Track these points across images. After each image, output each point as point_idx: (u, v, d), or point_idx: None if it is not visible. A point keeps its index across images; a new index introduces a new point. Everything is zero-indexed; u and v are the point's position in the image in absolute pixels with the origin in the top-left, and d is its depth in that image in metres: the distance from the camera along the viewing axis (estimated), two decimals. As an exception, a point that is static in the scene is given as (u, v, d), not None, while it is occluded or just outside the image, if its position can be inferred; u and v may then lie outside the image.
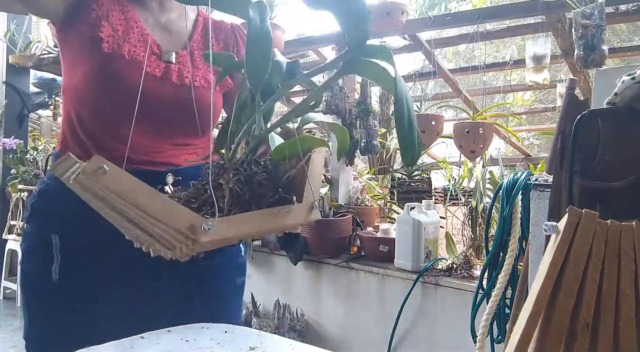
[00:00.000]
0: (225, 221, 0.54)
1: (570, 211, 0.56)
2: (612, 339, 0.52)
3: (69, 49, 0.90)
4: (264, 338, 0.76)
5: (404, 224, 1.96)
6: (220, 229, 0.51)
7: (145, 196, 0.50)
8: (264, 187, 0.59)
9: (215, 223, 0.50)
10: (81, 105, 0.88)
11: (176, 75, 0.90)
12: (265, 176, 0.59)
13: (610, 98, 0.78)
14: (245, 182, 0.57)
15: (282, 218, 0.57)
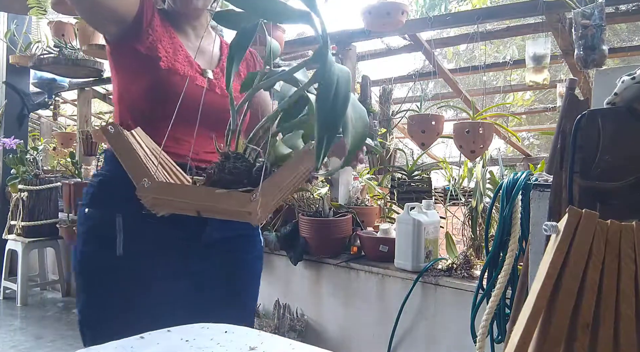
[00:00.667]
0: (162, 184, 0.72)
1: (570, 211, 0.56)
2: (612, 339, 0.52)
3: (123, 64, 1.09)
4: (264, 338, 0.76)
5: (404, 224, 1.96)
6: (155, 187, 0.70)
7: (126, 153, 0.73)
8: (233, 175, 0.70)
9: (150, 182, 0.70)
10: (138, 113, 1.07)
11: (217, 87, 1.12)
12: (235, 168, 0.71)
13: (610, 98, 0.78)
14: (217, 168, 0.72)
15: (217, 197, 0.67)
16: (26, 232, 3.54)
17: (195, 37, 1.15)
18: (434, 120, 2.24)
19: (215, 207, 0.69)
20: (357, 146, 0.64)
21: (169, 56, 1.06)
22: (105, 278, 1.04)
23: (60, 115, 5.20)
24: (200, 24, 1.17)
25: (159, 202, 0.71)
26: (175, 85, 1.04)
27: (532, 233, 0.99)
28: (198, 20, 1.15)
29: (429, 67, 2.94)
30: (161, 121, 1.02)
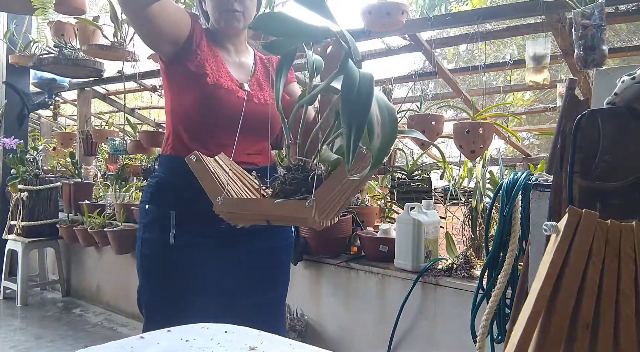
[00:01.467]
0: (232, 199, 0.82)
1: (570, 211, 0.56)
2: (612, 339, 0.52)
3: (176, 80, 1.25)
4: (264, 338, 0.76)
5: (404, 224, 1.96)
6: (226, 203, 0.81)
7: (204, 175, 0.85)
8: (293, 186, 0.79)
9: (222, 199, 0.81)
10: (189, 122, 1.24)
11: (255, 97, 1.26)
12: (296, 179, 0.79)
13: (610, 98, 0.78)
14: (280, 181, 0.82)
15: (278, 207, 0.77)
16: (26, 232, 3.54)
17: (235, 53, 1.32)
18: (434, 120, 2.23)
19: (278, 215, 0.79)
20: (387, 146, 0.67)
21: (214, 73, 1.21)
22: (161, 263, 1.23)
23: (60, 115, 5.21)
24: (239, 41, 1.32)
25: (234, 216, 0.83)
26: (220, 98, 1.20)
27: (532, 233, 0.99)
28: (238, 37, 1.31)
29: (429, 67, 2.94)
30: (209, 129, 1.23)
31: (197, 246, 1.22)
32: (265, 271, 1.31)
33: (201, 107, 1.21)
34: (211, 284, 1.23)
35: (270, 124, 1.23)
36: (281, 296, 1.38)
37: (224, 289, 1.24)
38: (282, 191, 0.79)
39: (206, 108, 1.21)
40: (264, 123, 1.22)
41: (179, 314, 1.05)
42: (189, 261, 1.22)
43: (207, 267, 1.22)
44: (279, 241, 1.34)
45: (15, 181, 3.59)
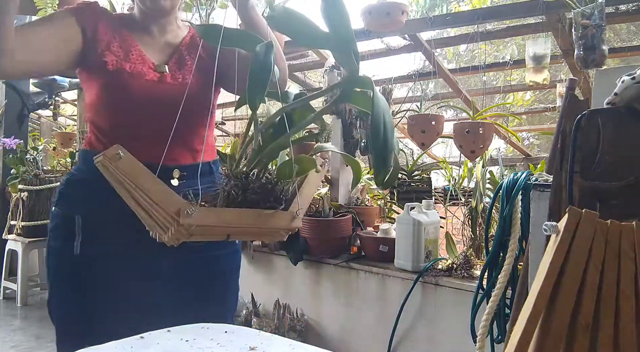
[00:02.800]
0: (207, 209, 0.67)
1: (570, 211, 0.56)
2: (612, 339, 0.52)
3: (83, 77, 1.13)
4: (264, 338, 0.76)
5: (404, 224, 1.96)
6: (201, 215, 0.65)
7: (148, 181, 0.65)
8: (258, 195, 0.71)
9: (196, 209, 0.64)
10: (99, 116, 1.10)
11: (170, 78, 1.10)
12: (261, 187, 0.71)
13: (610, 98, 0.78)
14: (240, 189, 0.71)
15: (264, 218, 0.70)
16: (26, 232, 3.54)
17: (160, 34, 1.16)
18: (434, 120, 2.23)
19: (259, 228, 0.70)
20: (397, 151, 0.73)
21: (117, 58, 1.07)
22: (67, 275, 1.08)
23: (60, 115, 5.21)
24: (168, 21, 1.16)
25: (198, 231, 0.67)
26: (123, 83, 1.06)
27: (532, 233, 0.99)
28: (165, 17, 1.15)
29: (429, 67, 2.94)
30: (118, 119, 1.08)
31: (110, 256, 1.05)
32: (197, 285, 1.12)
33: (105, 95, 1.08)
34: (130, 299, 1.05)
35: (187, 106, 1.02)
36: (221, 312, 1.16)
37: (147, 306, 1.06)
38: (244, 201, 0.69)
39: (110, 96, 1.08)
40: (184, 106, 1.02)
41: (93, 332, 0.97)
42: (101, 273, 1.05)
43: (123, 280, 1.05)
44: (219, 249, 1.14)
45: (15, 181, 3.59)
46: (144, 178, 0.64)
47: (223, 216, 0.67)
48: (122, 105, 1.08)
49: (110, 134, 1.08)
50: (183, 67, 1.13)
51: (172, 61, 1.13)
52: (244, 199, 0.69)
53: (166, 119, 0.99)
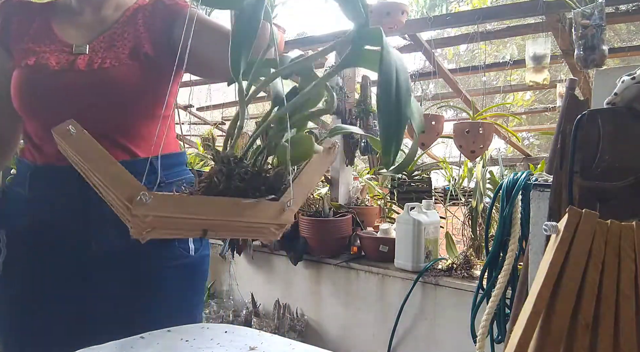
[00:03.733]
0: (167, 197, 0.52)
1: (570, 211, 0.56)
2: (612, 339, 0.52)
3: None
4: (264, 338, 0.76)
5: (404, 224, 1.96)
6: (158, 204, 0.50)
7: (101, 161, 0.53)
8: (245, 183, 0.55)
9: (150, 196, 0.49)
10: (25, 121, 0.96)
11: (85, 63, 0.89)
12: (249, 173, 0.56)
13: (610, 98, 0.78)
14: (225, 175, 0.55)
15: (242, 210, 0.53)
16: None
17: (93, 11, 0.97)
18: (434, 120, 2.24)
19: (236, 222, 0.55)
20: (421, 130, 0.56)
21: (26, 52, 0.91)
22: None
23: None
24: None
25: (160, 223, 0.53)
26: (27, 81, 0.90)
27: (532, 233, 0.99)
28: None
29: (429, 67, 2.94)
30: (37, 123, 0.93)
31: (35, 277, 0.91)
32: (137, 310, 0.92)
33: (15, 96, 0.91)
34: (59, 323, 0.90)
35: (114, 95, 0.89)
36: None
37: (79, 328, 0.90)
38: (227, 190, 0.55)
39: (17, 97, 0.91)
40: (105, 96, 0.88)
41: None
42: (25, 296, 0.91)
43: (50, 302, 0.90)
44: (161, 259, 0.95)
45: (15, 180, 3.59)
46: (96, 158, 0.53)
47: (186, 205, 0.52)
48: (31, 105, 0.91)
49: (34, 137, 0.94)
50: (112, 48, 0.92)
51: (97, 40, 0.92)
52: (226, 187, 0.55)
53: (85, 112, 0.86)
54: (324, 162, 0.62)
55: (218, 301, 2.69)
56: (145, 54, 0.92)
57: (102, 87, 0.89)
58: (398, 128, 0.47)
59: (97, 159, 0.53)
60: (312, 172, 0.60)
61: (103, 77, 0.89)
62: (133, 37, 0.93)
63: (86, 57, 0.90)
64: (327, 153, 0.63)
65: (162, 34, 0.95)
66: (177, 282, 0.97)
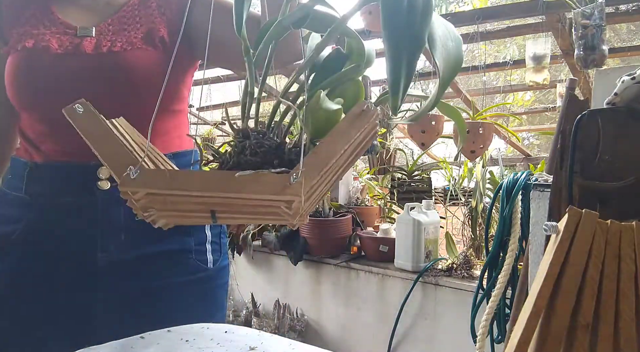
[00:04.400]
0: (156, 171, 0.48)
1: (570, 211, 0.56)
2: (612, 339, 0.52)
3: None
4: (264, 338, 0.75)
5: (404, 224, 1.96)
6: (146, 179, 0.45)
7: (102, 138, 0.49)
8: (258, 156, 0.49)
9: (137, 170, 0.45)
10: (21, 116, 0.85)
11: (92, 46, 0.79)
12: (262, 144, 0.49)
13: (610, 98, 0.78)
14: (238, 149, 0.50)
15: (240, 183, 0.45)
16: None
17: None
18: (434, 120, 2.24)
19: (238, 198, 0.47)
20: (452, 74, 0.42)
21: (23, 36, 0.80)
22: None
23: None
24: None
25: (155, 202, 0.48)
26: (25, 66, 0.80)
27: (532, 233, 0.99)
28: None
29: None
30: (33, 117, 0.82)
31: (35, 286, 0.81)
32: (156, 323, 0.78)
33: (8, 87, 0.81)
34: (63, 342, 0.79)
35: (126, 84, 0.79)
36: None
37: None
38: (239, 165, 0.49)
39: (15, 81, 0.80)
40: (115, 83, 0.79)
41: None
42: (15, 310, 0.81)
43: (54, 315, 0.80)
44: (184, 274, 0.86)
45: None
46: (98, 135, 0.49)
47: (177, 180, 0.46)
48: (28, 93, 0.80)
49: (31, 133, 0.83)
50: (122, 31, 0.82)
51: (106, 23, 0.82)
52: (236, 163, 0.49)
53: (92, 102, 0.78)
54: (353, 126, 0.49)
55: (218, 301, 2.69)
56: (162, 39, 0.83)
57: (112, 72, 0.79)
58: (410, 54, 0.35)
59: (99, 136, 0.49)
60: (335, 139, 0.47)
61: (113, 61, 0.79)
62: (147, 21, 0.83)
63: (93, 39, 0.80)
64: (358, 118, 0.49)
65: (179, 18, 0.85)
66: (196, 299, 0.87)
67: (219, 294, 0.93)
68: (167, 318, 0.81)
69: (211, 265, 0.90)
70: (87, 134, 0.50)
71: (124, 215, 0.82)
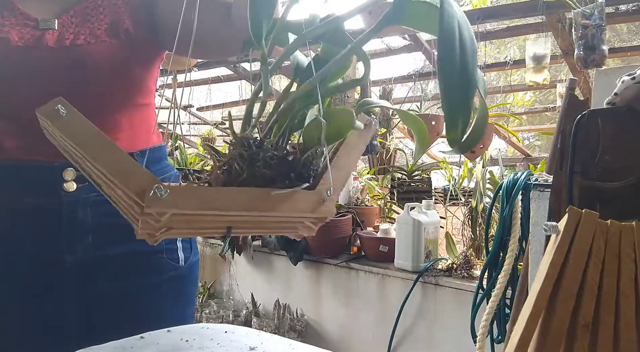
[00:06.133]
0: (184, 190, 0.43)
1: (570, 211, 0.56)
2: (612, 339, 0.52)
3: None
4: (264, 338, 0.75)
5: (404, 224, 1.96)
6: (176, 198, 0.41)
7: (101, 147, 0.43)
8: (272, 169, 0.45)
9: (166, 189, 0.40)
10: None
11: (54, 39, 0.75)
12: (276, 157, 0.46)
13: (610, 98, 0.78)
14: (246, 161, 0.45)
15: (275, 202, 0.43)
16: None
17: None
18: (434, 120, 2.24)
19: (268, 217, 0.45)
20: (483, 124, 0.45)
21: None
22: None
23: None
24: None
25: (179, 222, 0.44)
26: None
27: (532, 233, 0.99)
28: None
29: (429, 67, 2.94)
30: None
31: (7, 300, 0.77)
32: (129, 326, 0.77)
33: None
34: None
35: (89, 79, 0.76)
36: None
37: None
38: (252, 178, 0.45)
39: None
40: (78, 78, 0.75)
41: None
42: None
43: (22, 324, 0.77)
44: (154, 275, 0.84)
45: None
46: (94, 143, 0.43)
47: (211, 199, 0.42)
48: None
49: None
50: (86, 22, 0.78)
51: (68, 14, 0.78)
52: (250, 175, 0.45)
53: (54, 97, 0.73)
54: (362, 140, 0.52)
55: (218, 301, 2.69)
56: (126, 30, 0.79)
57: (75, 66, 0.75)
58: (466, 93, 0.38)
59: (96, 144, 0.43)
60: (349, 153, 0.49)
61: (76, 54, 0.75)
62: (110, 12, 0.79)
63: (55, 32, 0.76)
64: (364, 131, 0.52)
65: (143, 8, 0.82)
66: (169, 298, 0.87)
67: (190, 290, 0.92)
68: (141, 319, 0.81)
69: (183, 263, 0.89)
70: (76, 140, 0.43)
71: (91, 216, 0.79)
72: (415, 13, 0.45)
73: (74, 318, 0.78)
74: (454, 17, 0.39)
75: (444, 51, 0.38)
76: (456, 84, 0.38)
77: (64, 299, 0.78)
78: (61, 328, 0.78)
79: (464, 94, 0.38)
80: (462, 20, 0.40)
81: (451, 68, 0.38)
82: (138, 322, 0.79)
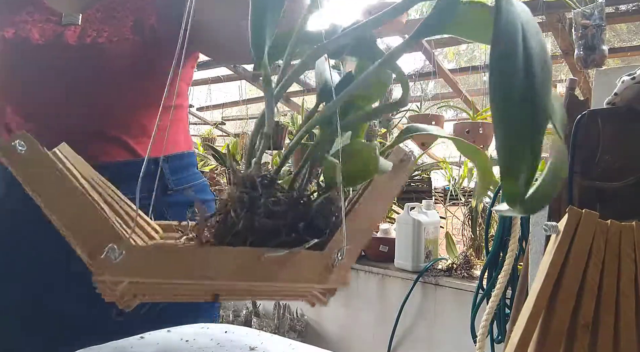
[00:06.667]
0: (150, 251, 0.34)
1: (570, 211, 0.56)
2: (612, 339, 0.52)
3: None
4: (264, 338, 0.75)
5: (404, 224, 1.96)
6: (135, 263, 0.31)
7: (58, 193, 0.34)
8: (275, 218, 0.34)
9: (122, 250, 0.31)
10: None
11: (75, 36, 0.72)
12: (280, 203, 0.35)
13: (610, 98, 0.78)
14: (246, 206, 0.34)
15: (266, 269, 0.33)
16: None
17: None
18: (434, 120, 2.24)
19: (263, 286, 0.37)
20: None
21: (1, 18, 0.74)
22: None
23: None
24: None
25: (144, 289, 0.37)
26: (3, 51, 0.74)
27: (532, 233, 0.99)
28: None
29: (429, 67, 2.94)
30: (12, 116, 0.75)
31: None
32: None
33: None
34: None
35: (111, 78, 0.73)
36: None
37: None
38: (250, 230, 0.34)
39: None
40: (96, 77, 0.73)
41: None
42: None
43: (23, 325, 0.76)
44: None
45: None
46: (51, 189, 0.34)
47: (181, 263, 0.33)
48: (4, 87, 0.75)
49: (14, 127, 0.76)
50: (111, 18, 0.74)
51: (94, 9, 0.75)
52: (247, 226, 0.34)
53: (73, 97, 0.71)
54: (393, 184, 0.38)
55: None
56: (151, 27, 0.75)
57: (93, 66, 0.72)
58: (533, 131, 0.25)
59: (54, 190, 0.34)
60: (374, 200, 0.37)
61: (96, 53, 0.72)
62: (137, 7, 0.76)
63: (78, 28, 0.73)
64: (398, 169, 0.38)
65: (170, 4, 0.78)
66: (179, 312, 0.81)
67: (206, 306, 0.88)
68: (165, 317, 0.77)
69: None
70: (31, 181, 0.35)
71: None
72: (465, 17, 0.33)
73: (75, 318, 0.77)
74: (515, 23, 0.28)
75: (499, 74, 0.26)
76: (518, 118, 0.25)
77: (64, 299, 0.77)
78: (61, 328, 0.77)
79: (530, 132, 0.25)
80: (528, 25, 0.29)
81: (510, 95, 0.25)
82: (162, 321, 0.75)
